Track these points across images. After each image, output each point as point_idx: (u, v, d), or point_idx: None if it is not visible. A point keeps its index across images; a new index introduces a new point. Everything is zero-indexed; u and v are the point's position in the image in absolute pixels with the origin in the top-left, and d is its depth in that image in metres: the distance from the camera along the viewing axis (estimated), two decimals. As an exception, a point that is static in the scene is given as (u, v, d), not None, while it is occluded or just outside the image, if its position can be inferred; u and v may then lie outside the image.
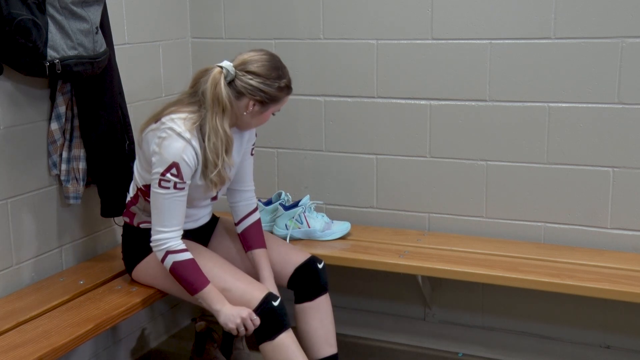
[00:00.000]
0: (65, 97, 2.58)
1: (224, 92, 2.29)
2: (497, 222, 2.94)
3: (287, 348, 2.34)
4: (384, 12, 2.95)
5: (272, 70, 2.34)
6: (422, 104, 2.96)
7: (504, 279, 2.60)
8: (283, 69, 2.38)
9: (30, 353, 2.06)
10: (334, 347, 2.57)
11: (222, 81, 2.30)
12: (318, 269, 2.57)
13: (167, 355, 3.15)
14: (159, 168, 2.28)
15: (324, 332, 2.56)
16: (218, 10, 3.21)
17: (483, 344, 3.05)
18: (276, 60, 2.38)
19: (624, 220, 2.76)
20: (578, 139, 2.77)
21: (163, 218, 2.32)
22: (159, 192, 2.30)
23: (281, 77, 2.35)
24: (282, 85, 2.36)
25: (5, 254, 2.49)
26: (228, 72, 2.31)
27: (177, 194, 2.30)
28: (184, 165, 2.28)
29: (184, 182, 2.30)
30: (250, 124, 2.42)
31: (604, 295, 2.49)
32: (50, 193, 2.65)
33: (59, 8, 2.31)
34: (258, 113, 2.37)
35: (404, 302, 3.16)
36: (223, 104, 2.30)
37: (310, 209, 2.93)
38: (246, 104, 2.33)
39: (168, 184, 2.28)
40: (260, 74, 2.32)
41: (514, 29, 2.78)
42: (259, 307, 2.33)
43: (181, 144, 2.27)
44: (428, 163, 3.00)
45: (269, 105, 2.36)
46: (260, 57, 2.35)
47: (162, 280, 2.46)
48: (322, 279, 2.58)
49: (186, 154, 2.27)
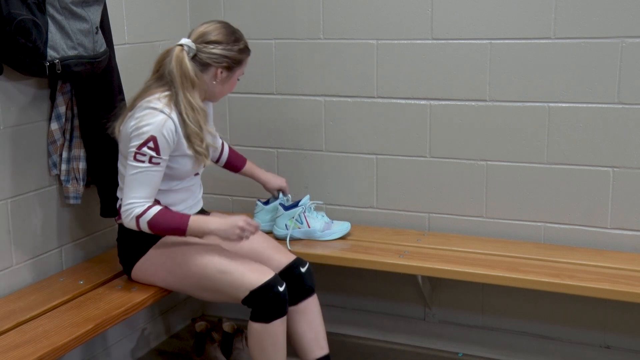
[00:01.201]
0: (65, 97, 2.58)
1: (190, 67, 2.40)
2: (497, 222, 2.94)
3: (277, 336, 2.39)
4: (384, 12, 2.95)
5: (230, 35, 2.46)
6: (422, 104, 2.96)
7: (504, 279, 2.60)
8: (238, 32, 2.51)
9: (30, 353, 2.06)
10: (325, 349, 2.58)
11: (186, 57, 2.40)
12: (301, 272, 2.56)
13: (167, 355, 3.15)
14: (136, 142, 2.32)
15: (314, 334, 2.56)
16: (218, 10, 3.21)
17: (483, 344, 3.05)
18: (230, 26, 2.51)
19: (624, 220, 2.76)
20: (578, 139, 2.77)
21: (133, 189, 2.34)
22: (133, 165, 2.33)
23: (239, 39, 2.48)
24: (242, 47, 2.49)
25: (5, 254, 2.49)
26: (189, 47, 2.42)
27: (151, 169, 2.33)
28: (162, 140, 2.32)
29: (161, 157, 2.33)
30: (222, 91, 2.53)
31: (604, 295, 2.49)
32: (50, 193, 2.65)
33: (59, 8, 2.31)
34: (227, 79, 2.49)
35: (404, 302, 3.16)
36: (191, 79, 2.40)
37: (310, 209, 2.92)
38: (214, 73, 2.45)
39: (144, 157, 2.32)
40: (221, 41, 2.44)
41: (514, 29, 2.78)
42: (264, 289, 2.34)
43: (161, 117, 2.33)
44: (428, 163, 3.00)
45: (234, 69, 2.48)
46: (215, 26, 2.47)
47: (163, 275, 2.47)
48: (307, 283, 2.57)
49: (166, 128, 2.32)
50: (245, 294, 2.36)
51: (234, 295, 2.38)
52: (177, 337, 3.30)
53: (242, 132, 3.26)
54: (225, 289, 2.39)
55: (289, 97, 3.16)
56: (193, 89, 2.40)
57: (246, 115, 3.24)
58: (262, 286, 2.35)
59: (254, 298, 2.36)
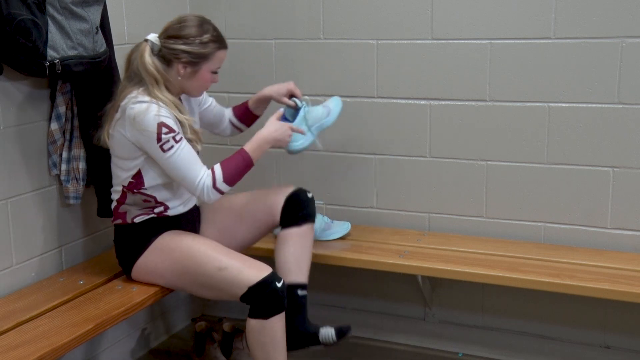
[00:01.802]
0: (65, 97, 2.58)
1: (150, 62, 2.38)
2: (497, 222, 2.94)
3: (276, 332, 2.39)
4: (384, 12, 2.95)
5: (191, 28, 2.39)
6: (422, 104, 2.97)
7: (504, 279, 2.60)
8: (204, 25, 2.42)
9: (30, 353, 2.06)
10: (306, 278, 2.61)
11: (147, 52, 2.38)
12: (308, 198, 2.68)
13: (167, 355, 3.15)
14: (151, 140, 2.33)
15: (305, 258, 2.62)
16: (218, 10, 3.20)
17: (483, 344, 3.05)
18: (197, 18, 2.43)
19: (624, 220, 2.76)
20: (578, 139, 2.77)
21: (189, 171, 2.38)
22: (169, 155, 2.35)
23: (203, 32, 2.40)
24: (205, 40, 2.40)
25: (5, 254, 2.49)
26: (153, 43, 2.40)
27: (181, 145, 2.36)
28: (167, 120, 2.34)
29: (178, 132, 2.36)
30: (194, 87, 2.48)
31: (604, 295, 2.49)
32: (50, 193, 2.65)
33: (59, 8, 2.32)
34: (192, 74, 2.43)
35: (404, 302, 3.16)
36: (153, 75, 2.38)
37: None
38: (177, 69, 2.40)
39: (168, 143, 2.34)
40: (180, 36, 2.39)
41: (514, 29, 2.78)
42: (261, 285, 2.34)
43: (152, 106, 2.33)
44: (428, 163, 3.00)
45: (200, 64, 2.41)
46: (179, 19, 2.43)
47: (162, 273, 2.48)
48: (312, 207, 2.67)
49: (161, 112, 2.33)
50: (244, 291, 2.35)
51: (232, 292, 2.38)
52: (177, 337, 3.30)
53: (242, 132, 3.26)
54: (223, 285, 2.39)
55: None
56: (158, 85, 2.38)
57: (246, 115, 3.24)
58: (260, 282, 2.34)
59: (251, 294, 2.35)
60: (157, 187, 2.46)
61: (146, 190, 2.46)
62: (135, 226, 2.50)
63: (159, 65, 2.39)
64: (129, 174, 2.44)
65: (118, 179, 2.48)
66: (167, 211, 2.52)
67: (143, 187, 2.45)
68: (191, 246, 2.45)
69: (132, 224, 2.50)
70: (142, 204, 2.49)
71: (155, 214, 2.51)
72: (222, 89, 3.18)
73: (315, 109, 2.74)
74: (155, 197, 2.47)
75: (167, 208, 2.52)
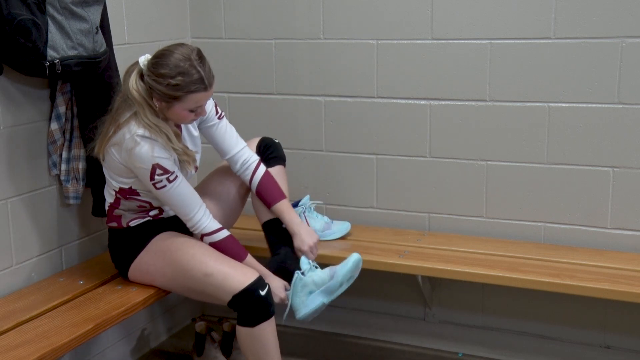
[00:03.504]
0: (65, 97, 2.58)
1: (135, 87, 2.32)
2: (497, 222, 2.94)
3: (266, 338, 2.38)
4: (384, 12, 2.95)
5: (166, 67, 2.26)
6: (422, 104, 2.96)
7: (504, 279, 2.60)
8: (183, 63, 2.25)
9: (30, 353, 2.06)
10: None
11: (133, 76, 2.33)
12: (274, 142, 2.75)
13: (167, 355, 3.15)
14: (146, 177, 2.34)
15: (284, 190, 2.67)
16: (218, 10, 3.21)
17: (483, 344, 3.05)
18: (181, 55, 2.27)
19: (624, 220, 2.76)
20: (578, 139, 2.77)
21: (182, 207, 2.41)
22: (162, 192, 2.36)
23: (177, 74, 2.24)
24: (174, 84, 2.25)
25: (5, 254, 2.49)
26: (141, 68, 2.34)
27: (175, 184, 2.37)
28: (163, 161, 2.32)
29: (173, 172, 2.35)
30: (173, 120, 2.39)
31: (604, 295, 2.49)
32: (50, 193, 2.65)
33: (59, 8, 2.31)
34: (167, 109, 2.33)
35: (404, 302, 3.16)
36: (137, 99, 2.31)
37: (310, 209, 2.92)
38: (156, 99, 2.32)
39: (161, 183, 2.34)
40: (153, 72, 2.29)
41: (514, 29, 2.78)
42: (245, 293, 2.33)
43: (146, 146, 2.30)
44: (428, 163, 3.00)
45: (172, 102, 2.30)
46: (165, 50, 2.31)
47: (156, 276, 2.48)
48: (280, 150, 2.75)
49: (155, 152, 2.31)
50: (229, 298, 2.35)
51: (218, 298, 2.38)
52: (177, 337, 3.30)
53: (241, 133, 3.23)
54: (210, 291, 2.39)
55: (289, 97, 3.16)
56: (144, 109, 2.31)
57: (246, 115, 3.24)
58: (244, 290, 2.33)
59: (237, 302, 2.35)
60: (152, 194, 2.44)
61: (140, 197, 2.46)
62: (130, 230, 2.50)
63: (142, 91, 2.32)
64: (121, 186, 2.44)
65: (111, 183, 2.47)
66: (163, 213, 2.52)
67: (137, 195, 2.45)
68: (181, 249, 2.44)
69: (128, 227, 2.51)
70: (137, 209, 2.49)
71: (150, 217, 2.51)
72: (222, 89, 3.19)
73: (317, 272, 2.55)
74: (151, 203, 2.47)
75: (162, 211, 2.52)
